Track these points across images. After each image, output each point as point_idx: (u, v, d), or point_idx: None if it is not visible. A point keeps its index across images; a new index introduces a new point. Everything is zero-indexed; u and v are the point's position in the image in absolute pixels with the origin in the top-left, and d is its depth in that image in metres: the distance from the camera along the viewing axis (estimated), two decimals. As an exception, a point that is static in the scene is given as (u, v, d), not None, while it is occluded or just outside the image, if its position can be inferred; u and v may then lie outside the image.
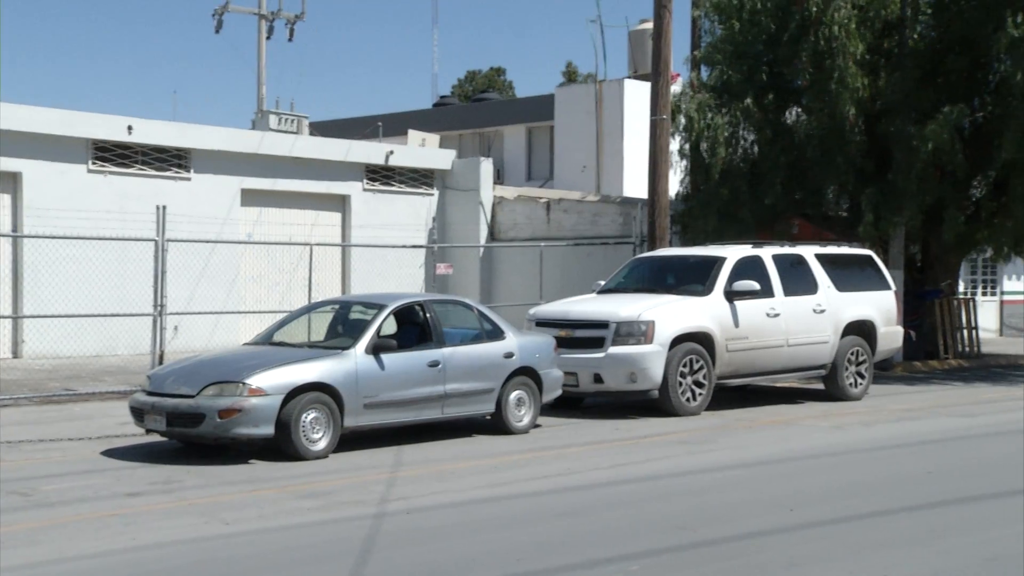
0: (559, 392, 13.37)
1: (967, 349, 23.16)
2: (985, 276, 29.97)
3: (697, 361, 14.34)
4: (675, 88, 21.59)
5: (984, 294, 29.77)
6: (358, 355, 11.31)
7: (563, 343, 13.93)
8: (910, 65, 19.81)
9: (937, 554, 7.40)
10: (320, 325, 12.98)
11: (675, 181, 21.69)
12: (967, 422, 14.01)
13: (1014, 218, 19.67)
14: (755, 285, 14.91)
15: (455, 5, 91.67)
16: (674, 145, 20.75)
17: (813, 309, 15.71)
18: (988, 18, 18.82)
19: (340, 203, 23.52)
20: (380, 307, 12.04)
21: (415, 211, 24.14)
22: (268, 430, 10.59)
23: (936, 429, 13.35)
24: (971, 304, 23.89)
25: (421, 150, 25.38)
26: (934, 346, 22.19)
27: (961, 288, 25.61)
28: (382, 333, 11.80)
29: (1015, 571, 7.03)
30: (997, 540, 7.74)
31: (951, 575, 6.94)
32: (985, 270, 29.74)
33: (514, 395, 12.59)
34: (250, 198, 22.05)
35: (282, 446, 10.72)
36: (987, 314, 29.11)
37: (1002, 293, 30.32)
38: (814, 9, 18.94)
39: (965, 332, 23.30)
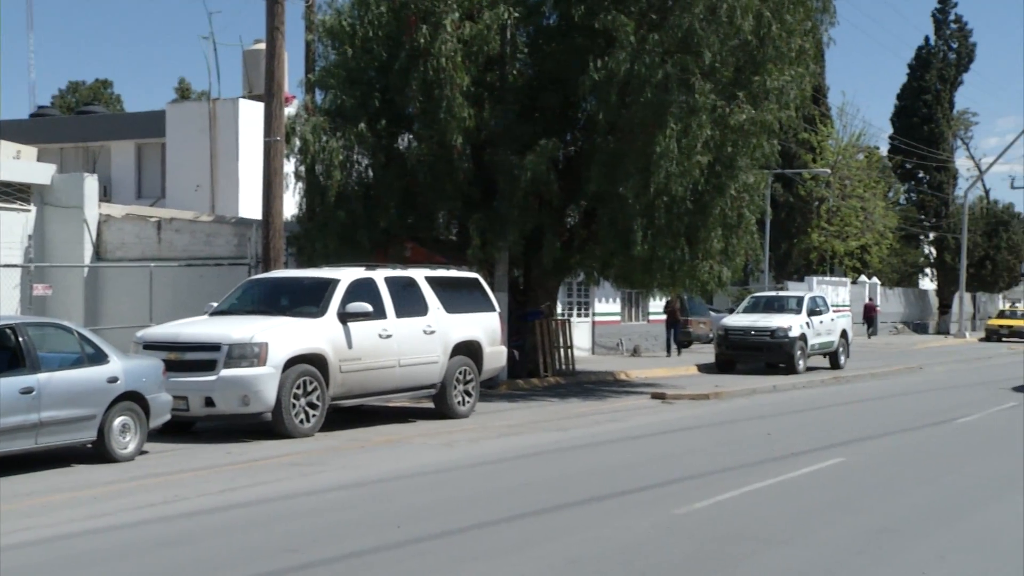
0: (168, 417, 12.97)
1: (564, 367, 24.84)
2: (580, 299, 32.33)
3: (311, 383, 14.40)
4: (291, 110, 21.61)
5: (579, 315, 32.10)
6: (-62, 384, 10.38)
7: (173, 366, 13.55)
8: (511, 99, 21.07)
9: (529, 560, 7.94)
10: None
11: (292, 203, 21.67)
12: (561, 435, 15.06)
13: (602, 245, 21.32)
14: (368, 307, 15.22)
15: (54, 11, 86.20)
16: (290, 167, 20.74)
17: (424, 330, 16.26)
18: (575, 61, 20.40)
19: (-81, 218, 21.39)
20: (-36, 332, 11.12)
21: (9, 228, 22.38)
22: None
23: (535, 443, 14.24)
24: (567, 325, 25.69)
25: (16, 163, 23.59)
26: (535, 364, 23.61)
27: (559, 310, 27.43)
28: (-33, 360, 10.91)
29: (593, 571, 7.70)
30: (581, 543, 8.43)
31: (540, 578, 7.49)
32: (580, 293, 32.09)
33: (118, 421, 12.07)
34: None
35: None
36: (581, 334, 31.40)
37: (594, 314, 32.83)
38: (423, 41, 19.64)
39: (562, 351, 25.00)
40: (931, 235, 64.81)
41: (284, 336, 14.30)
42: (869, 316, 54.53)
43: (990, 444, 14.88)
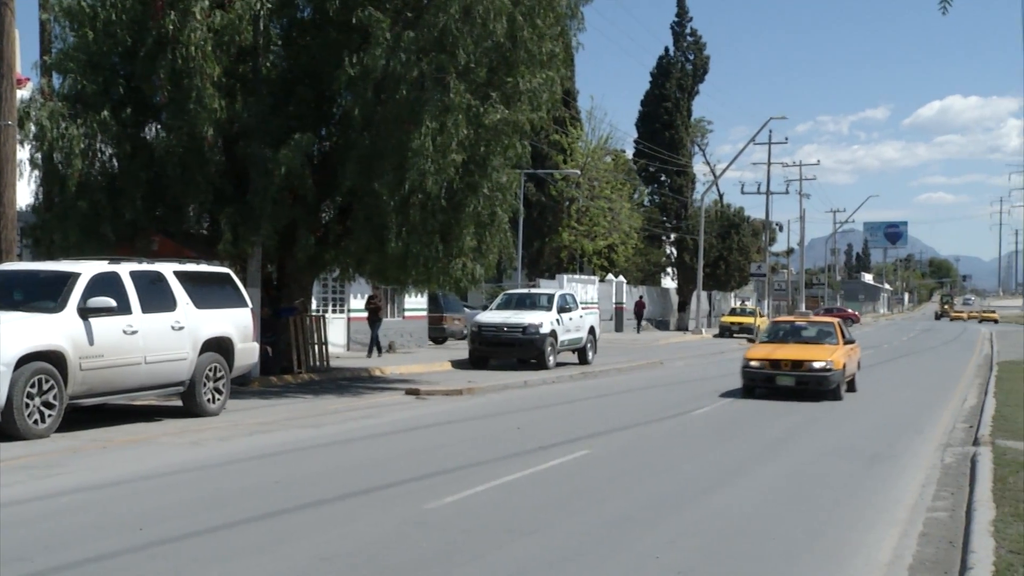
0: None
1: (318, 363, 24.64)
2: (335, 295, 32.10)
3: (47, 381, 13.67)
4: (24, 93, 20.44)
5: (334, 311, 31.88)
6: None
7: None
8: (264, 92, 20.68)
9: (278, 559, 7.86)
10: None
11: (27, 192, 20.49)
12: (315, 432, 14.94)
13: (357, 241, 21.24)
14: (111, 302, 14.59)
15: None
16: (24, 154, 19.61)
17: (172, 326, 15.76)
18: (331, 55, 20.26)
19: None
20: None
21: None
22: None
23: (287, 440, 14.07)
24: (322, 321, 25.48)
25: None
26: (289, 361, 23.30)
27: (314, 306, 27.15)
28: None
29: (343, 567, 7.71)
30: (332, 540, 8.42)
31: (290, 577, 7.44)
32: (335, 289, 31.86)
33: None
34: None
35: None
36: (336, 330, 31.22)
37: (349, 311, 32.67)
38: (171, 27, 18.98)
39: (317, 347, 24.78)
40: (672, 236, 68.29)
41: (16, 332, 13.51)
42: (638, 312, 58.39)
43: (720, 434, 15.86)
